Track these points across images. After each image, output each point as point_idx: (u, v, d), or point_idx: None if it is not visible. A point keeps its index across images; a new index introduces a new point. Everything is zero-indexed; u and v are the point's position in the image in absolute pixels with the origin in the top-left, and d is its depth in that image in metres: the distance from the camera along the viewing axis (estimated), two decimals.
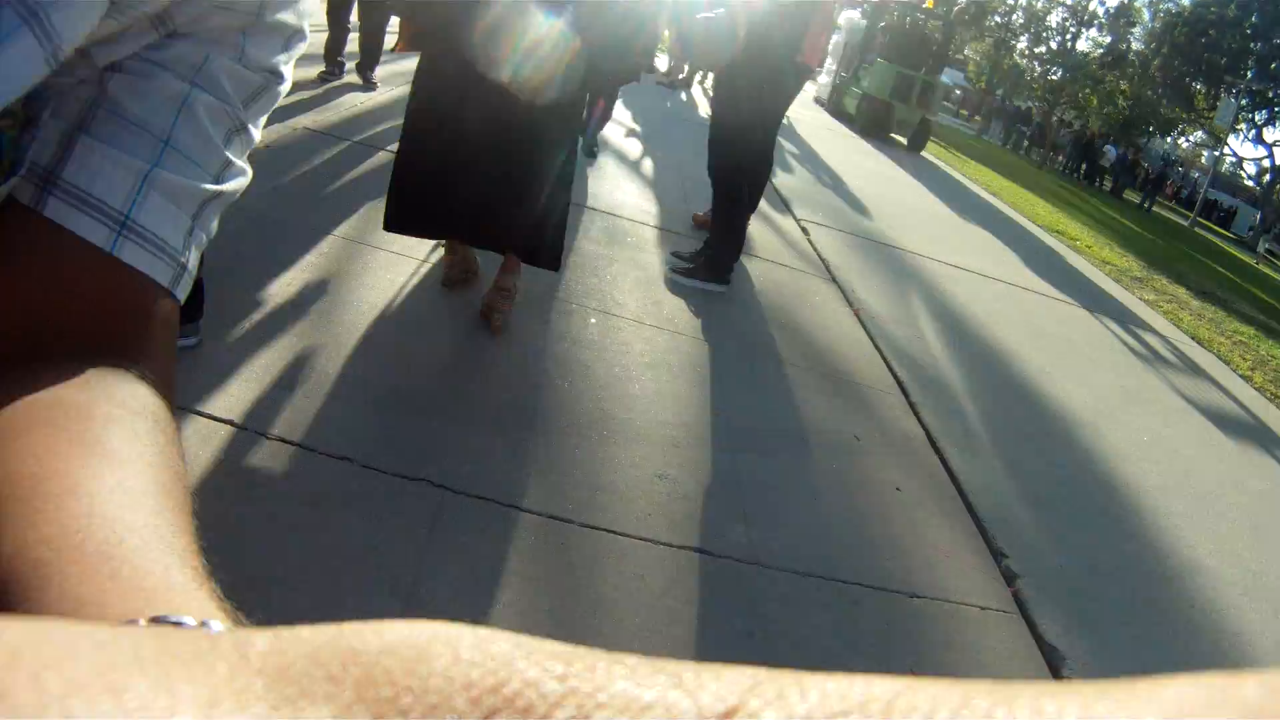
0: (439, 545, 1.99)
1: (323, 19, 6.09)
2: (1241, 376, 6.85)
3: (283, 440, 2.17)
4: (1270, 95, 32.54)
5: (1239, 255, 24.66)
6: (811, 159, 10.38)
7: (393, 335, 2.87)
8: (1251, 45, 32.18)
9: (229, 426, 2.15)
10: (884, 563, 2.54)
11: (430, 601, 1.82)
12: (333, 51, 6.07)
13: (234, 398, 2.27)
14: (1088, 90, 35.57)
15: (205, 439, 2.08)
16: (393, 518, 2.04)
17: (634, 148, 7.38)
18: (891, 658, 2.17)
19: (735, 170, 4.20)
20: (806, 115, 16.07)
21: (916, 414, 3.65)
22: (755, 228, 5.50)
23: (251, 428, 2.18)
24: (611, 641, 1.88)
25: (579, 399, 2.86)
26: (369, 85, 6.15)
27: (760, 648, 2.03)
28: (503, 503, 2.20)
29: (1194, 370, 6.45)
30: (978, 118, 37.40)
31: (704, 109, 11.94)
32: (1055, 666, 2.38)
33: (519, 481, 2.32)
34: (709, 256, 4.26)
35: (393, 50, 3.33)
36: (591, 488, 2.40)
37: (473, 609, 1.84)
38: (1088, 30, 38.83)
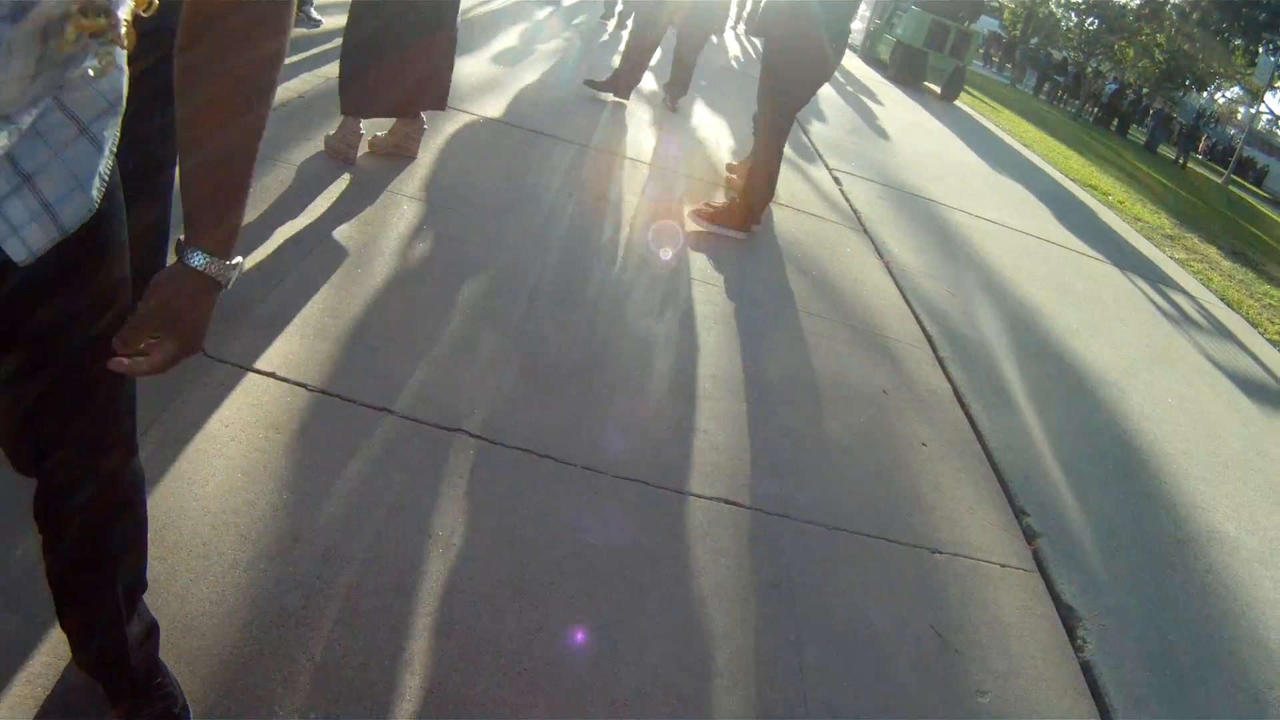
0: (475, 495, 2.05)
1: None
2: (1270, 341, 6.78)
3: (324, 392, 2.22)
4: None
5: (1272, 215, 24.18)
6: (844, 108, 10.23)
7: (418, 285, 2.90)
8: None
9: (267, 378, 2.20)
10: (908, 517, 2.58)
11: (466, 549, 1.87)
12: None
13: (272, 350, 2.32)
14: (1124, 42, 34.69)
15: (247, 391, 2.14)
16: (430, 468, 2.09)
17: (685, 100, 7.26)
18: (912, 612, 2.21)
19: (774, 119, 4.22)
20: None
21: (944, 368, 3.67)
22: (787, 176, 5.46)
23: (292, 379, 2.23)
24: (644, 590, 1.94)
25: (611, 350, 2.90)
26: (310, 22, 5.49)
27: (785, 600, 2.09)
28: (538, 453, 2.25)
29: (1222, 332, 6.40)
30: (1010, 66, 36.51)
31: (733, 52, 11.78)
32: (1070, 626, 2.42)
33: (554, 432, 2.37)
34: (734, 203, 4.27)
35: None
36: (625, 439, 2.45)
37: (508, 558, 1.89)
38: None
